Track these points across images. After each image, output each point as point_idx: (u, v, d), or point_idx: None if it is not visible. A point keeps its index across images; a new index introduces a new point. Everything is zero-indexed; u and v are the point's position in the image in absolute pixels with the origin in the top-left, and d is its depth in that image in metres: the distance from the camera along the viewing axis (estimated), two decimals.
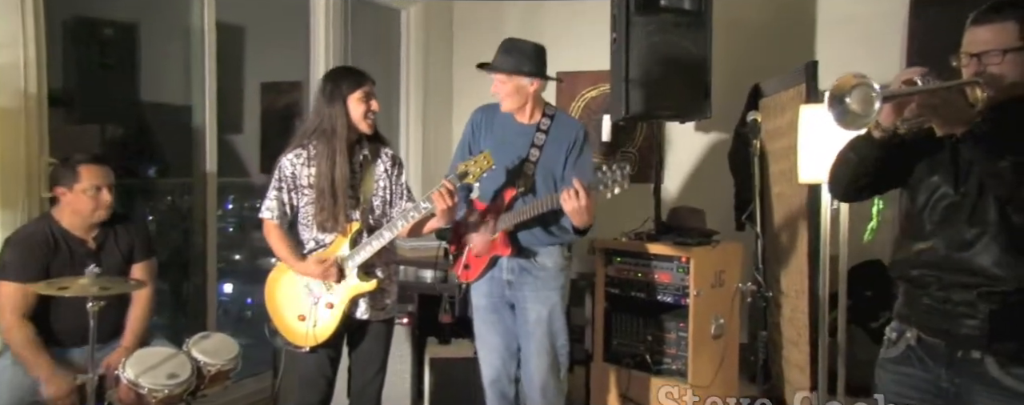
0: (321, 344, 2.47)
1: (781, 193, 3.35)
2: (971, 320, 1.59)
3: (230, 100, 3.98)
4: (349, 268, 2.46)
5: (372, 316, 2.53)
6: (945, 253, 1.62)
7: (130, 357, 2.39)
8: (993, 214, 1.57)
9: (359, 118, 2.44)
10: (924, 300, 1.67)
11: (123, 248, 2.60)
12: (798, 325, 3.17)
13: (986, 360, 1.59)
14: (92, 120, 3.38)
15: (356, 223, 2.47)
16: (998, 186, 1.53)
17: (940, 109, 1.51)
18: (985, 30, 1.59)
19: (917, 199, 1.69)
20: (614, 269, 3.29)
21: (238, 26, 4.06)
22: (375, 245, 2.44)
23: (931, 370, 1.67)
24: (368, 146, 2.52)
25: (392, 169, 2.56)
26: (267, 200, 2.51)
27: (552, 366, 2.73)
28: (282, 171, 2.49)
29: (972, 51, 1.60)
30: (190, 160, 3.53)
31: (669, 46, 3.41)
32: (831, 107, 1.48)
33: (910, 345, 1.71)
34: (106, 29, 3.47)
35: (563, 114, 2.80)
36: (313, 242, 2.52)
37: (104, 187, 2.47)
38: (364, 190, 2.50)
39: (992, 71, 1.57)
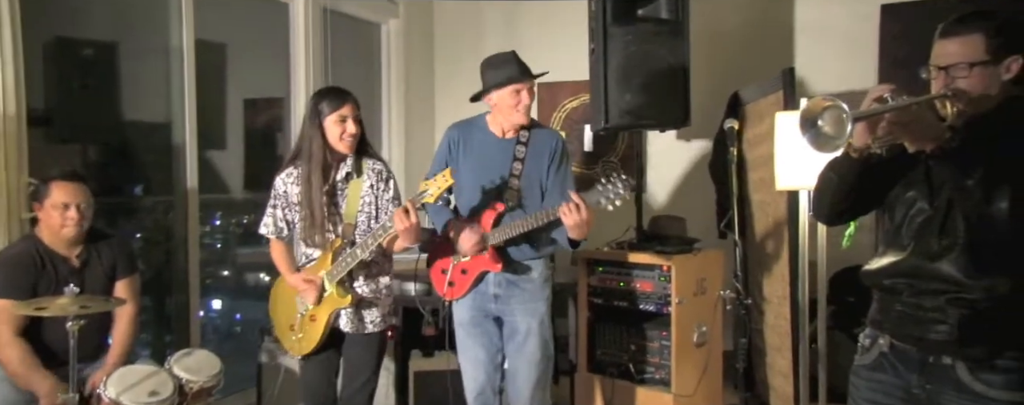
0: (311, 353, 2.58)
1: (762, 200, 3.37)
2: (941, 326, 1.61)
3: (213, 117, 3.98)
4: (328, 283, 2.51)
5: (354, 329, 2.55)
6: (916, 262, 1.64)
7: (112, 375, 2.38)
8: (961, 228, 1.58)
9: (335, 140, 2.48)
10: (896, 307, 1.69)
11: (106, 265, 2.60)
12: (781, 332, 3.18)
13: (957, 365, 1.60)
14: (74, 140, 3.38)
15: (338, 240, 2.51)
16: (966, 202, 1.55)
17: (911, 126, 1.52)
18: (952, 43, 1.60)
19: (895, 216, 1.70)
20: (597, 279, 3.30)
21: (219, 43, 4.06)
22: (349, 262, 2.48)
23: (903, 376, 1.69)
24: (353, 162, 2.54)
25: (378, 184, 2.57)
26: (264, 217, 2.62)
27: (541, 377, 2.73)
28: (276, 189, 2.59)
29: (940, 64, 1.61)
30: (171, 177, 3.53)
31: (647, 56, 3.43)
32: (804, 131, 1.48)
33: (883, 352, 1.73)
34: (86, 49, 3.47)
35: (539, 125, 2.81)
36: (304, 257, 2.60)
37: (73, 205, 2.46)
38: (349, 207, 2.53)
39: (960, 85, 1.58)
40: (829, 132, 1.46)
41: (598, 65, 3.49)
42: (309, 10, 4.03)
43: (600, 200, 2.38)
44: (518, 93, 2.62)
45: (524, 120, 2.66)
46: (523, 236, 2.63)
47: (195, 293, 3.44)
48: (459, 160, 2.74)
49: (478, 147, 2.73)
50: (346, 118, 2.46)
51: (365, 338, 2.57)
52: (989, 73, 1.58)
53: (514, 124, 2.68)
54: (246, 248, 4.25)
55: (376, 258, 2.55)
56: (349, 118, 2.47)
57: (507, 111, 2.65)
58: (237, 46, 4.09)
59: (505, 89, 2.62)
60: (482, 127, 2.76)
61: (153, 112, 3.59)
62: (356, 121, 2.49)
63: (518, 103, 2.62)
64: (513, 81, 2.61)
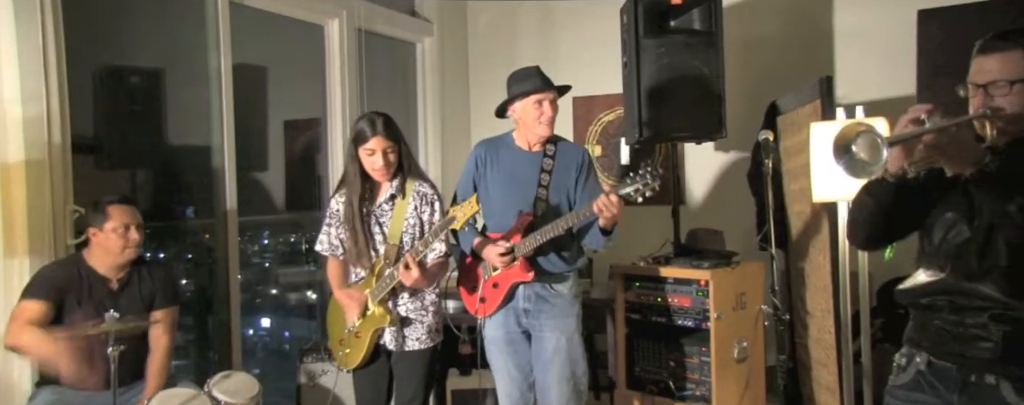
0: (359, 367, 2.66)
1: (801, 211, 3.29)
2: (985, 343, 1.55)
3: (254, 139, 4.08)
4: (371, 302, 2.58)
5: (397, 346, 2.60)
6: (954, 282, 1.59)
7: (152, 399, 2.44)
8: (1003, 252, 1.53)
9: (369, 169, 2.57)
10: (936, 323, 1.64)
11: (145, 293, 2.65)
12: (826, 346, 3.08)
13: (1001, 385, 1.54)
14: (122, 166, 3.49)
15: (380, 260, 2.57)
16: (1007, 228, 1.50)
17: (948, 149, 1.47)
18: (992, 59, 1.55)
19: (933, 237, 1.65)
20: (633, 294, 3.26)
21: (260, 66, 4.17)
22: (387, 283, 2.54)
23: (942, 396, 1.62)
24: (399, 184, 2.60)
25: (422, 206, 2.62)
26: (321, 235, 2.74)
27: (573, 393, 2.70)
28: (331, 210, 2.70)
29: (978, 81, 1.56)
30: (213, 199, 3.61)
31: (680, 67, 3.40)
32: (838, 158, 1.45)
33: (920, 370, 1.67)
34: (133, 77, 3.58)
35: (564, 140, 2.82)
36: (354, 276, 2.70)
37: (133, 226, 2.55)
38: (393, 227, 2.59)
39: (999, 103, 1.53)
40: (864, 158, 1.43)
41: (631, 78, 3.47)
42: (344, 31, 4.10)
43: (630, 191, 2.38)
44: (540, 104, 2.63)
45: (547, 132, 2.67)
46: (552, 247, 2.63)
47: (236, 313, 3.50)
48: (487, 176, 2.76)
49: (506, 162, 2.75)
50: (374, 152, 2.53)
51: (409, 355, 2.61)
52: None
53: (538, 136, 2.69)
54: (291, 267, 4.33)
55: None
56: (377, 152, 2.52)
57: (531, 123, 2.66)
58: (277, 69, 4.18)
59: (528, 100, 2.64)
60: (509, 143, 2.78)
61: (196, 136, 3.69)
62: (385, 153, 2.53)
63: (541, 114, 2.64)
64: (535, 91, 2.63)
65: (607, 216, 2.44)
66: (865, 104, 2.86)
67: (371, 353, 2.61)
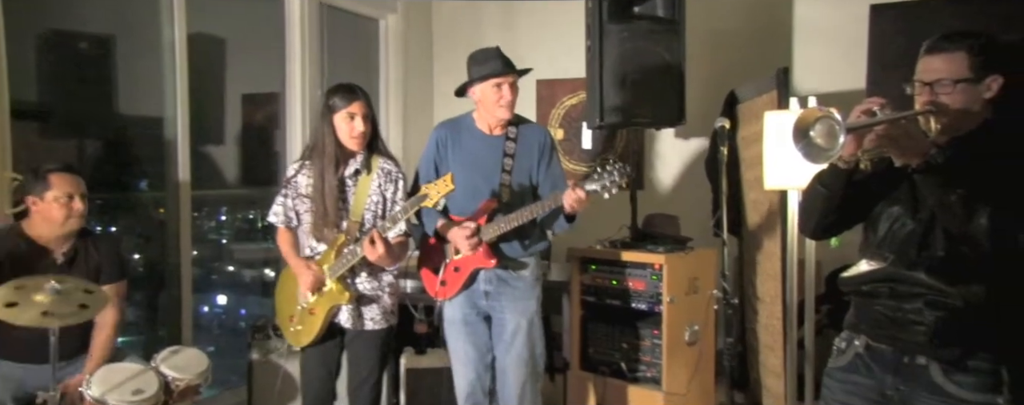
0: (310, 346, 2.60)
1: (756, 199, 3.35)
2: (919, 327, 1.63)
3: (210, 111, 3.99)
4: (329, 279, 2.52)
5: (354, 326, 2.56)
6: (894, 270, 1.67)
7: (95, 374, 2.37)
8: (941, 242, 1.61)
9: (345, 137, 2.51)
10: (875, 309, 1.71)
11: (91, 267, 2.57)
12: (774, 331, 3.16)
13: (931, 366, 1.63)
14: (69, 135, 3.38)
15: (342, 236, 2.52)
16: (948, 218, 1.57)
17: (899, 140, 1.55)
18: (937, 59, 1.63)
19: (879, 230, 1.72)
20: (589, 277, 3.29)
21: (219, 38, 4.06)
22: (350, 259, 2.49)
23: (877, 377, 1.70)
24: (364, 159, 2.56)
25: (386, 184, 2.58)
26: (274, 205, 2.66)
27: (530, 376, 2.73)
28: (287, 178, 2.62)
29: (925, 79, 1.64)
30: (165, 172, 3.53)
31: (643, 53, 3.41)
32: (797, 142, 1.51)
33: (858, 353, 1.75)
34: (81, 42, 3.47)
35: (525, 121, 2.79)
36: (309, 249, 2.62)
37: (76, 195, 2.46)
38: (356, 203, 2.55)
39: (943, 100, 1.61)
40: (821, 143, 1.49)
41: (594, 62, 3.47)
42: (305, 4, 4.02)
43: (597, 188, 2.39)
44: (499, 88, 2.61)
45: (507, 115, 2.66)
46: (515, 233, 2.63)
47: (188, 289, 3.44)
48: (448, 159, 2.73)
49: (467, 145, 2.72)
50: (355, 116, 2.48)
51: (365, 334, 2.58)
52: (972, 90, 1.61)
53: (498, 119, 2.68)
54: (248, 244, 4.26)
55: None
56: (358, 116, 2.48)
57: (490, 106, 2.65)
58: (236, 41, 4.09)
59: (487, 83, 2.62)
60: (469, 125, 2.76)
61: (149, 106, 3.59)
62: (365, 119, 2.50)
63: (500, 98, 2.61)
64: (494, 75, 2.60)
65: (577, 209, 2.45)
66: (819, 96, 2.91)
67: (324, 331, 2.57)
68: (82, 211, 2.48)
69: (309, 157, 2.58)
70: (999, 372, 1.59)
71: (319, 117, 2.54)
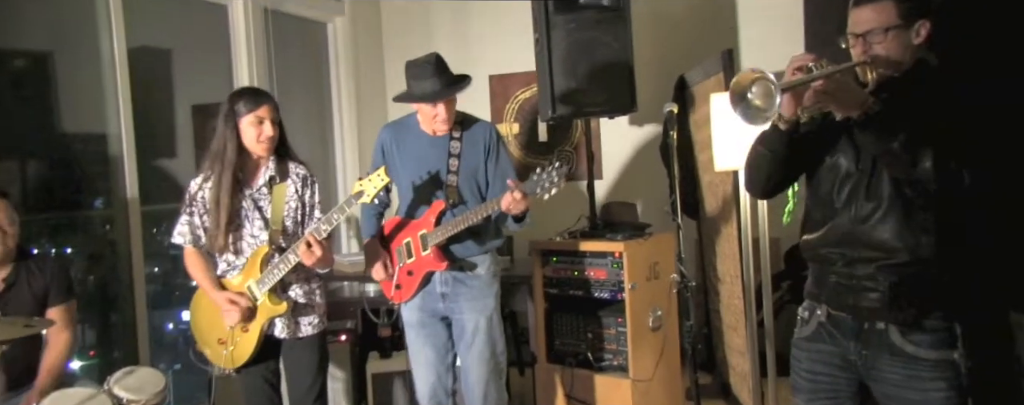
0: (246, 365, 2.49)
1: (710, 181, 3.38)
2: (873, 293, 1.67)
3: (160, 124, 3.90)
4: (260, 292, 2.45)
5: (291, 334, 2.50)
6: (849, 228, 1.69)
7: (43, 401, 2.29)
8: (887, 188, 1.64)
9: (251, 142, 2.41)
10: (831, 278, 1.74)
11: (36, 289, 2.49)
12: (736, 311, 3.19)
13: (889, 329, 1.66)
14: (7, 155, 3.28)
15: (264, 247, 2.45)
16: (893, 165, 1.59)
17: (837, 94, 1.56)
18: (866, 10, 1.65)
19: (822, 183, 1.74)
20: (551, 269, 3.29)
21: (164, 49, 3.98)
22: (281, 268, 2.42)
23: (840, 344, 1.74)
24: (277, 167, 2.48)
25: (303, 189, 2.51)
26: (178, 225, 2.50)
27: (493, 373, 2.71)
28: (190, 194, 2.49)
29: (857, 31, 1.66)
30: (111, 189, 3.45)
31: (591, 43, 3.43)
32: (735, 105, 1.52)
33: (821, 322, 1.78)
34: (16, 60, 3.37)
35: (470, 117, 2.77)
36: (225, 264, 2.52)
37: (3, 221, 2.37)
38: (274, 211, 2.46)
39: (877, 50, 1.64)
40: (759, 105, 1.50)
41: (543, 54, 3.48)
42: (249, 11, 3.95)
43: (536, 190, 2.39)
44: (434, 105, 2.57)
45: (445, 129, 2.64)
46: (466, 232, 2.61)
47: (142, 307, 3.35)
48: (395, 162, 2.71)
49: (412, 146, 2.70)
50: (263, 120, 2.40)
51: (304, 341, 2.52)
52: (902, 37, 1.64)
53: (436, 132, 2.66)
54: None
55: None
56: (266, 120, 2.40)
57: (427, 121, 2.64)
58: (182, 52, 4.00)
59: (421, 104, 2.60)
60: (414, 126, 2.74)
61: (92, 123, 3.50)
62: (274, 123, 2.42)
63: (436, 116, 2.59)
64: (425, 100, 2.56)
65: (516, 211, 2.43)
66: None
67: (260, 347, 2.46)
68: (10, 236, 2.38)
69: (210, 168, 2.44)
70: (953, 328, 1.63)
71: (222, 124, 2.40)
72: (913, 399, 1.64)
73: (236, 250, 2.46)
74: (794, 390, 1.83)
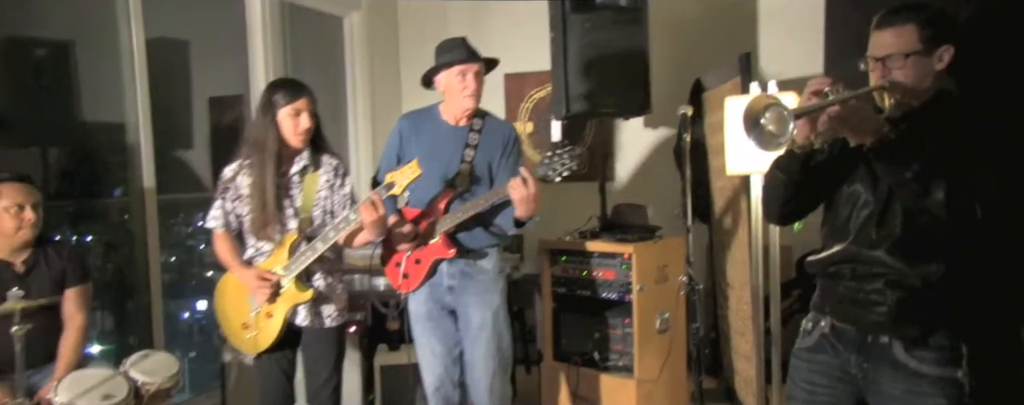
0: (266, 351, 2.53)
1: (722, 186, 3.38)
2: (880, 307, 1.66)
3: (177, 115, 3.95)
4: (286, 279, 2.48)
5: (313, 324, 2.53)
6: (855, 250, 1.69)
7: (63, 380, 2.35)
8: (899, 219, 1.63)
9: (289, 133, 2.46)
10: (838, 291, 1.74)
11: (54, 273, 2.55)
12: (744, 316, 3.19)
13: (893, 344, 1.66)
14: (30, 143, 3.33)
15: (293, 234, 2.48)
16: (904, 195, 1.59)
17: (850, 120, 1.55)
18: (887, 34, 1.64)
19: (840, 211, 1.74)
20: (560, 268, 3.30)
21: (181, 41, 4.02)
22: (309, 256, 2.45)
23: (841, 356, 1.73)
24: (310, 156, 2.51)
25: (335, 179, 2.55)
26: (212, 210, 2.57)
27: (499, 368, 2.73)
28: (224, 180, 2.54)
29: (876, 55, 1.65)
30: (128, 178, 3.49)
31: (607, 43, 3.43)
32: (749, 132, 1.52)
33: (824, 333, 1.77)
34: (38, 49, 3.41)
35: (492, 115, 2.80)
36: (253, 249, 2.56)
37: (27, 205, 2.43)
38: (305, 200, 2.50)
39: (896, 76, 1.62)
40: (772, 130, 1.50)
41: (558, 53, 3.48)
42: (266, 4, 3.98)
43: (547, 172, 2.40)
44: (463, 76, 2.60)
45: (472, 104, 2.65)
46: (475, 223, 2.63)
47: (157, 294, 3.40)
48: (411, 150, 2.72)
49: (430, 135, 2.72)
50: (300, 112, 2.43)
51: (324, 333, 2.56)
52: (923, 63, 1.62)
53: (463, 109, 2.67)
54: None
55: (331, 253, 2.53)
56: (304, 112, 2.44)
57: (455, 95, 2.64)
58: (200, 43, 4.04)
59: (451, 71, 2.61)
60: (434, 116, 2.75)
61: (111, 113, 3.55)
62: (311, 115, 2.45)
63: (464, 87, 2.61)
64: (458, 62, 2.59)
65: (518, 198, 2.40)
66: (785, 81, 2.94)
67: (283, 333, 2.50)
68: (33, 221, 2.44)
69: (248, 156, 2.49)
70: (958, 347, 1.62)
71: (260, 114, 2.45)
72: None
73: (260, 237, 2.50)
74: (790, 400, 1.83)
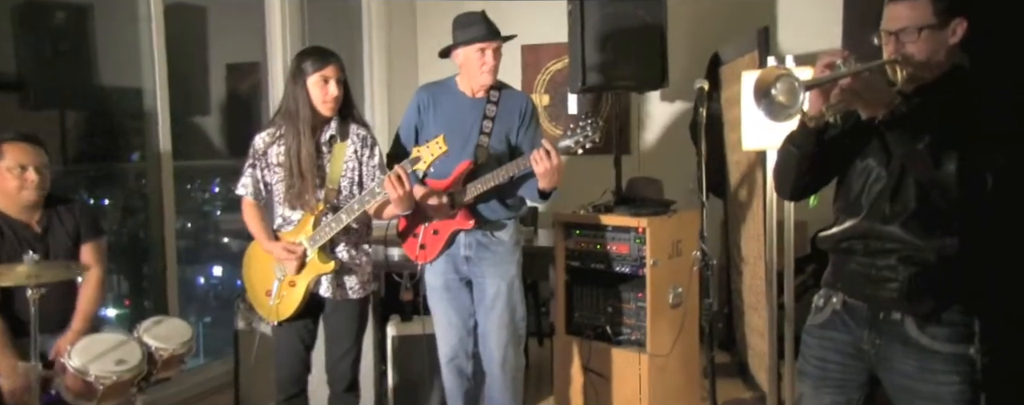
0: (287, 320, 2.54)
1: (738, 160, 3.35)
2: (892, 283, 1.65)
3: (194, 81, 3.95)
4: (310, 249, 2.49)
5: (335, 295, 2.53)
6: (869, 225, 1.67)
7: (76, 345, 2.36)
8: (912, 193, 1.62)
9: (318, 101, 2.43)
10: (850, 266, 1.73)
11: (70, 229, 2.57)
12: (758, 291, 3.18)
13: (905, 320, 1.65)
14: (50, 106, 3.35)
15: (320, 204, 2.48)
16: (917, 168, 1.57)
17: (862, 93, 1.53)
18: (901, 7, 1.62)
19: (853, 187, 1.72)
20: (573, 242, 3.29)
21: (199, 6, 4.01)
22: (333, 227, 2.44)
23: (853, 332, 1.72)
24: (338, 126, 2.49)
25: (363, 150, 2.52)
26: (243, 177, 2.56)
27: (512, 339, 2.75)
28: (255, 149, 2.53)
29: (890, 28, 1.63)
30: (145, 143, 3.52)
31: (624, 16, 3.39)
32: (759, 102, 1.51)
33: (835, 310, 1.76)
34: (58, 13, 3.42)
35: (509, 87, 2.78)
36: (280, 219, 2.56)
37: (30, 166, 2.40)
38: (332, 171, 2.49)
39: (909, 49, 1.60)
40: (783, 101, 1.49)
41: (575, 25, 3.45)
42: None
43: (570, 144, 2.41)
44: (483, 53, 2.60)
45: (490, 80, 2.64)
46: (494, 194, 2.63)
47: (172, 260, 3.44)
48: (429, 122, 2.72)
49: (448, 107, 2.71)
50: (329, 79, 2.41)
51: (346, 304, 2.55)
52: (937, 37, 1.60)
53: (481, 84, 2.67)
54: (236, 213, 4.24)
55: (357, 225, 2.52)
56: (332, 80, 2.41)
57: (473, 71, 2.63)
58: (218, 9, 4.04)
59: (471, 47, 2.61)
60: (452, 88, 2.75)
61: (129, 78, 3.56)
62: (339, 83, 2.42)
63: (483, 64, 2.60)
64: (478, 40, 2.58)
65: (541, 170, 2.41)
66: (803, 55, 2.89)
67: (305, 302, 2.51)
68: (36, 182, 2.42)
69: (281, 125, 2.48)
70: (971, 323, 1.61)
71: (291, 82, 2.44)
72: (924, 391, 1.62)
73: (293, 206, 2.49)
74: (801, 376, 1.83)
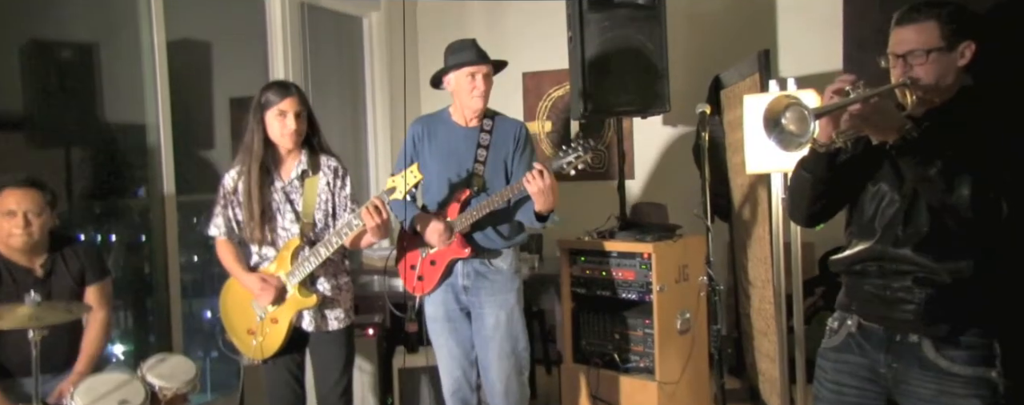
0: (273, 356, 2.53)
1: (742, 184, 3.33)
2: (908, 305, 1.63)
3: (199, 116, 3.97)
4: (290, 284, 2.48)
5: (318, 327, 2.52)
6: (882, 249, 1.66)
7: (79, 386, 2.34)
8: (925, 217, 1.61)
9: (276, 134, 2.43)
10: (865, 288, 1.71)
11: (74, 272, 2.56)
12: (767, 315, 3.14)
13: (923, 343, 1.63)
14: (56, 144, 3.37)
15: (295, 239, 2.48)
16: (930, 192, 1.56)
17: (872, 118, 1.53)
18: (908, 30, 1.62)
19: (865, 210, 1.71)
20: (578, 268, 3.27)
21: (203, 42, 4.05)
22: (313, 261, 2.45)
23: (869, 355, 1.70)
24: (309, 160, 2.50)
25: (335, 181, 2.53)
26: (214, 217, 2.55)
27: (514, 369, 2.71)
28: (225, 188, 2.52)
29: (897, 51, 1.63)
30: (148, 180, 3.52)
31: (624, 41, 3.40)
32: (769, 133, 1.51)
33: (850, 333, 1.74)
34: (64, 51, 3.45)
35: (501, 114, 2.79)
36: (257, 256, 2.55)
37: (19, 213, 2.37)
38: (305, 205, 2.49)
39: (917, 72, 1.60)
40: (793, 130, 1.49)
41: (575, 52, 3.46)
42: (286, 5, 4.00)
43: (562, 165, 2.41)
44: (473, 77, 2.61)
45: (480, 105, 2.66)
46: (490, 223, 2.63)
47: (176, 295, 3.43)
48: (425, 153, 2.73)
49: (442, 138, 2.73)
50: (286, 113, 2.40)
51: (331, 336, 2.54)
52: (945, 59, 1.60)
53: (473, 109, 2.68)
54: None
55: (334, 256, 2.51)
56: (289, 113, 2.40)
57: (464, 96, 2.65)
58: (222, 44, 4.07)
59: (461, 72, 2.62)
60: (445, 118, 2.77)
61: (133, 114, 3.59)
62: (297, 116, 2.42)
63: (474, 88, 2.62)
64: (467, 64, 2.61)
65: (535, 189, 2.41)
66: (804, 77, 2.88)
67: (289, 338, 2.49)
68: (22, 227, 2.37)
69: (242, 161, 2.47)
70: (992, 346, 1.59)
71: (251, 117, 2.43)
72: None
73: (270, 242, 2.49)
74: (817, 400, 1.80)
